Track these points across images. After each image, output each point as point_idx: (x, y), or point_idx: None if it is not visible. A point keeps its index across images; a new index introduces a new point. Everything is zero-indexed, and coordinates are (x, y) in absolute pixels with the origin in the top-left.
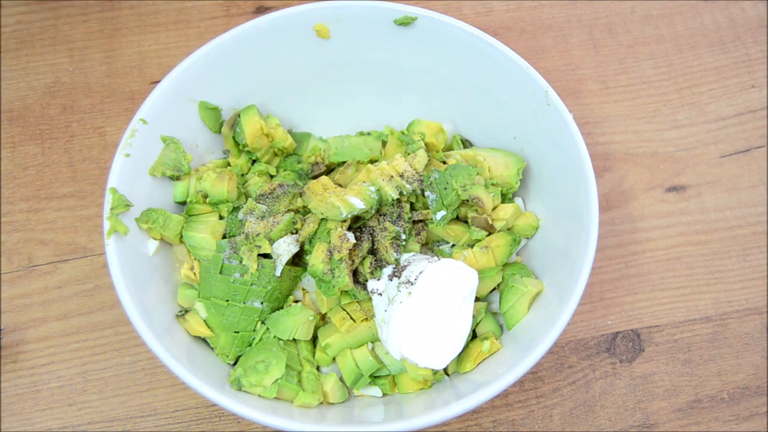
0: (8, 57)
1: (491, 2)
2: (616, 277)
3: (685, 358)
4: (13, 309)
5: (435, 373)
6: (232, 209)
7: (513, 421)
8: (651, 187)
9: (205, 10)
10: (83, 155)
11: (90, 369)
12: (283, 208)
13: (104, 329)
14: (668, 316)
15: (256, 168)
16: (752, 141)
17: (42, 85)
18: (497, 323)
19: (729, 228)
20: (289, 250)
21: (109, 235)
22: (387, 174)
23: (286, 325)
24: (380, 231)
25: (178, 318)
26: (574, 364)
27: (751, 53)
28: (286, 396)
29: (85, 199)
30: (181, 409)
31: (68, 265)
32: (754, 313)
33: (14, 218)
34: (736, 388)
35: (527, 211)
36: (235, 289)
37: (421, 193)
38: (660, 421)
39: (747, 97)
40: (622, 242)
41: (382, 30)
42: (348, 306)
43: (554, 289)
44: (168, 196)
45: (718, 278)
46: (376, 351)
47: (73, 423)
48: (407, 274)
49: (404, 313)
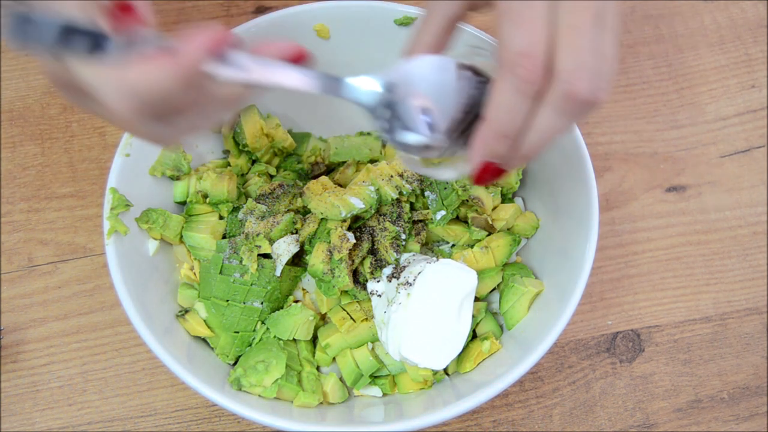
0: (8, 57)
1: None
2: (616, 277)
3: (685, 358)
4: (13, 309)
5: (435, 373)
6: (232, 209)
7: (513, 421)
8: (651, 187)
9: (205, 10)
10: (83, 155)
11: (90, 369)
12: (283, 208)
13: (104, 329)
14: (668, 316)
15: (256, 168)
16: (752, 141)
17: (42, 85)
18: (497, 323)
19: (729, 228)
20: (289, 250)
21: (109, 235)
22: (387, 174)
23: (286, 325)
24: (380, 231)
25: (178, 318)
26: (574, 364)
27: (751, 53)
28: (286, 396)
29: (85, 199)
30: (181, 409)
31: (68, 265)
32: (754, 313)
33: (14, 218)
34: (736, 388)
35: (527, 211)
36: (235, 289)
37: (421, 193)
38: (660, 421)
39: (747, 97)
40: (622, 242)
41: (382, 30)
42: (348, 306)
43: (554, 289)
44: (168, 196)
45: (718, 278)
46: (376, 351)
47: (73, 423)
48: (406, 275)
49: (403, 314)
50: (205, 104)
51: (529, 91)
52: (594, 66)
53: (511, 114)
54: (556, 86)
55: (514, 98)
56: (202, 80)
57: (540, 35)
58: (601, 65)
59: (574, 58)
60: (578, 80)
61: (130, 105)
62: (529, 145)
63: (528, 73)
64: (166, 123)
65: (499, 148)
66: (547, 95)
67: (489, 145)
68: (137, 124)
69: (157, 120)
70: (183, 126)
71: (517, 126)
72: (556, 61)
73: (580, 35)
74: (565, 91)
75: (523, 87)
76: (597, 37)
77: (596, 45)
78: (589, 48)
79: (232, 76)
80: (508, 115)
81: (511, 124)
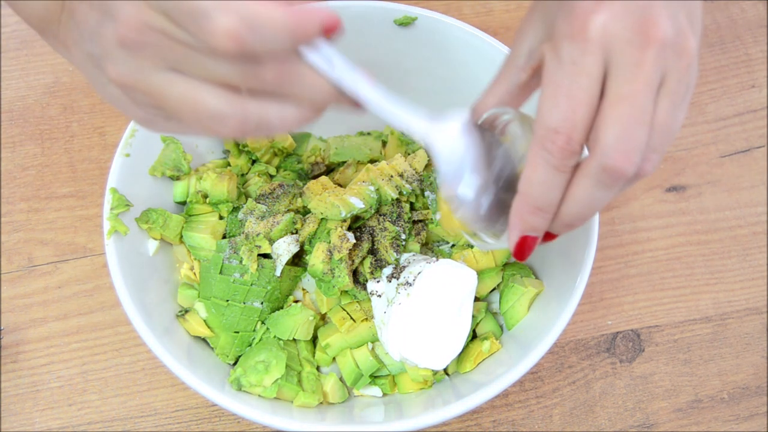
0: (8, 57)
1: (491, 2)
2: (616, 277)
3: (685, 358)
4: (13, 309)
5: (435, 373)
6: (232, 209)
7: (513, 421)
8: (651, 187)
9: None
10: (83, 155)
11: (90, 369)
12: (283, 208)
13: (104, 329)
14: (668, 316)
15: (256, 168)
16: (752, 141)
17: (42, 85)
18: (497, 323)
19: (729, 228)
20: (289, 250)
21: (109, 235)
22: (387, 174)
23: (286, 325)
24: (380, 231)
25: (178, 318)
26: (574, 364)
27: (751, 53)
28: (286, 396)
29: (85, 199)
30: (181, 409)
31: (68, 265)
32: (754, 313)
33: (14, 218)
34: (736, 388)
35: None
36: (235, 289)
37: (421, 193)
38: (660, 421)
39: (747, 97)
40: (622, 242)
41: (382, 30)
42: (348, 306)
43: (554, 289)
44: (168, 196)
45: (718, 278)
46: (376, 351)
47: (73, 423)
48: (406, 275)
49: (403, 314)
50: (290, 82)
51: (562, 166)
52: (637, 138)
53: (543, 188)
54: (594, 160)
55: (546, 173)
56: (296, 55)
57: (579, 110)
58: (649, 136)
59: (615, 131)
60: (617, 154)
61: (234, 25)
62: (568, 216)
63: (559, 150)
64: (248, 74)
65: (535, 222)
66: (586, 167)
67: (525, 220)
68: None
69: (242, 64)
70: (265, 104)
71: (551, 200)
72: (599, 133)
73: (627, 105)
74: (603, 165)
75: (555, 162)
76: (648, 105)
77: (644, 115)
78: (635, 119)
79: (318, 64)
80: (540, 188)
81: (544, 198)
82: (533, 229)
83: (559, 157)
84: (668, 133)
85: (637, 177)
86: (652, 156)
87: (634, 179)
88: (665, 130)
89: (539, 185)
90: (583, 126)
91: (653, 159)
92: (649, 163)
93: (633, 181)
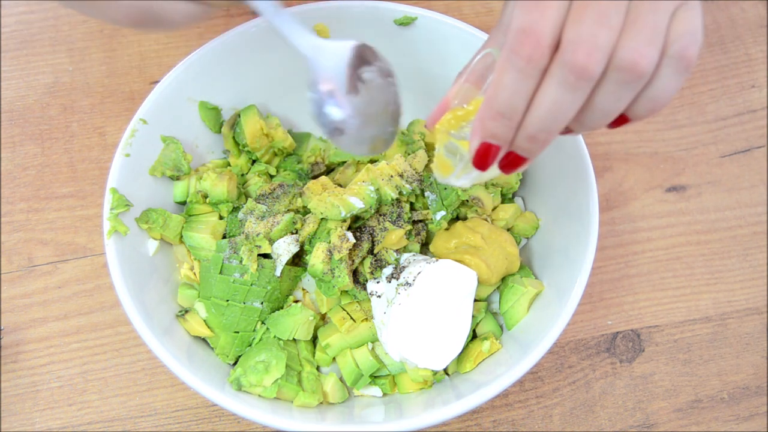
0: (8, 57)
1: (491, 2)
2: (616, 277)
3: (685, 358)
4: (13, 309)
5: (435, 373)
6: (232, 209)
7: (513, 421)
8: (651, 187)
9: None
10: (83, 155)
11: (90, 369)
12: (283, 208)
13: (104, 329)
14: (668, 316)
15: (256, 168)
16: (752, 141)
17: (42, 85)
18: (497, 323)
19: (729, 228)
20: (289, 250)
21: (109, 235)
22: (387, 174)
23: (286, 325)
24: (380, 231)
25: (178, 318)
26: (574, 364)
27: (751, 53)
28: (286, 396)
29: (85, 199)
30: (181, 409)
31: (68, 265)
32: (754, 313)
33: (14, 218)
34: (736, 388)
35: (527, 211)
36: (235, 289)
37: (420, 193)
38: (660, 421)
39: (747, 97)
40: (622, 242)
41: (382, 30)
42: (348, 306)
43: (554, 289)
44: (168, 196)
45: (718, 278)
46: (376, 351)
47: (73, 423)
48: (406, 275)
49: (403, 314)
50: None
51: (529, 69)
52: (601, 36)
53: (507, 92)
54: (557, 58)
55: (512, 77)
56: None
57: (548, 12)
58: (608, 35)
59: (578, 29)
60: (580, 49)
61: None
62: (532, 126)
63: (526, 52)
64: None
65: (496, 128)
66: (551, 68)
67: (486, 126)
68: None
69: None
70: None
71: (515, 106)
72: (563, 34)
73: (592, 7)
74: (565, 61)
75: (521, 65)
76: (611, 9)
77: (608, 18)
78: (599, 20)
79: None
80: (504, 93)
81: (507, 104)
82: (494, 136)
83: (526, 59)
84: (631, 34)
85: (593, 76)
86: (600, 56)
87: (591, 79)
88: (619, 31)
89: (503, 89)
90: (551, 29)
91: (599, 58)
92: (595, 63)
93: (590, 82)
